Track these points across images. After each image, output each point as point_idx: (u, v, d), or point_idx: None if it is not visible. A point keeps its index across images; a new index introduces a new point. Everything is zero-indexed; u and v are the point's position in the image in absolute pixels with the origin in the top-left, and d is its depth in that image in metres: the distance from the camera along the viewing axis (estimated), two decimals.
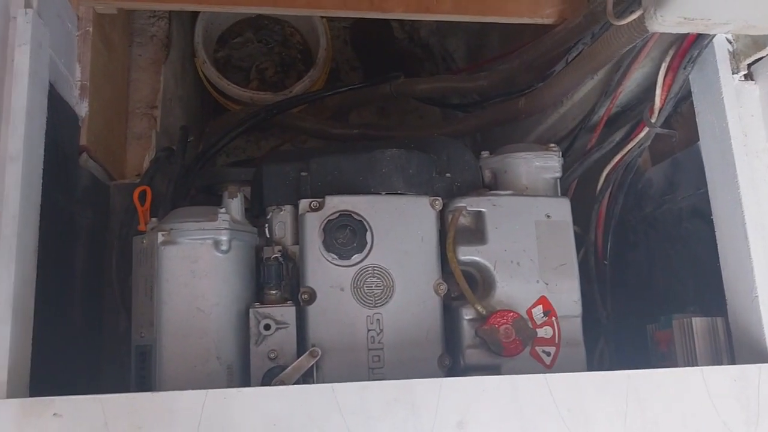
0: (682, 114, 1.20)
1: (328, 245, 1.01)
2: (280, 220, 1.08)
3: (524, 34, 1.55)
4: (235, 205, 1.04)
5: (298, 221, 1.05)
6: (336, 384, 0.86)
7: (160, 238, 0.98)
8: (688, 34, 1.06)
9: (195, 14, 1.79)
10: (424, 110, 2.12)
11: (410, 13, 1.32)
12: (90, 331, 1.23)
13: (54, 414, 0.82)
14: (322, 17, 1.82)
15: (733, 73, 1.06)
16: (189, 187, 1.37)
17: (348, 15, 1.33)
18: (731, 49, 1.06)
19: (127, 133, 1.47)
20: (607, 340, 1.27)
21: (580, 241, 1.28)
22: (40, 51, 1.01)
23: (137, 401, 0.84)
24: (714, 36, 1.04)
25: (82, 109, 1.21)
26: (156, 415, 0.83)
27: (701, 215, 1.12)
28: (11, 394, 0.85)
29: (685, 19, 0.91)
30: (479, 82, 1.50)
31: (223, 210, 1.00)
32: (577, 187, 1.35)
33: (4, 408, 0.82)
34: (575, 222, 1.13)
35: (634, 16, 0.99)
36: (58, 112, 1.09)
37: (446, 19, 1.34)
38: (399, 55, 2.15)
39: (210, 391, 0.84)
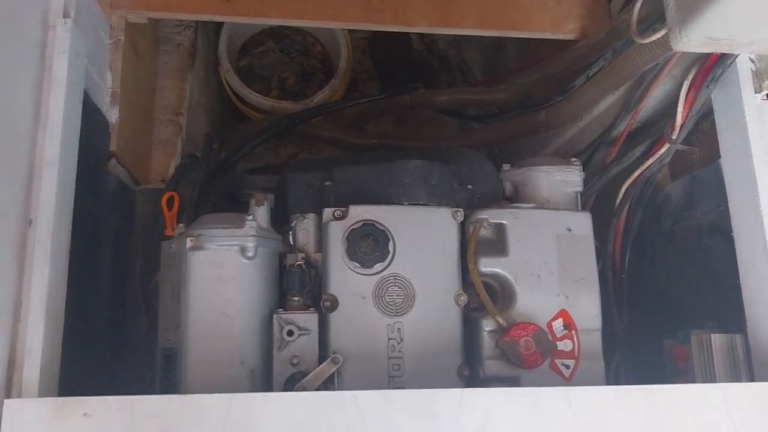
0: (703, 131, 1.21)
1: (351, 254, 1.03)
2: (304, 228, 1.10)
3: (542, 48, 1.57)
4: (261, 213, 1.06)
5: (321, 229, 1.07)
6: (358, 392, 0.87)
7: (189, 243, 1.00)
8: (711, 53, 1.07)
9: (219, 24, 1.82)
10: (439, 120, 2.14)
11: (434, 27, 1.34)
12: (113, 333, 1.26)
13: (84, 414, 0.84)
14: (344, 29, 1.85)
15: (755, 93, 1.07)
16: (211, 194, 1.39)
17: (372, 28, 1.35)
18: (754, 69, 1.07)
19: (153, 139, 1.50)
20: (623, 353, 1.28)
21: (598, 254, 1.29)
22: (77, 60, 1.04)
23: (165, 403, 0.86)
24: (737, 55, 1.05)
25: (113, 115, 1.24)
26: (182, 417, 0.85)
27: (721, 232, 1.12)
28: (42, 393, 0.87)
29: (710, 39, 0.92)
30: (498, 94, 1.51)
31: (250, 217, 1.02)
32: (595, 201, 1.36)
33: (36, 407, 0.84)
34: (594, 236, 1.14)
35: (658, 35, 1.00)
36: (91, 119, 1.12)
37: (469, 34, 1.36)
38: (417, 66, 2.17)
39: (235, 395, 0.86)
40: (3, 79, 0.89)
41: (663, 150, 1.23)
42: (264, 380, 1.00)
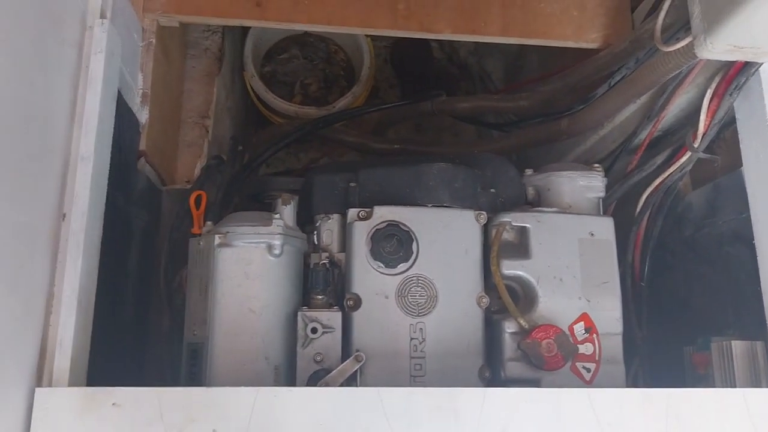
0: (725, 140, 1.22)
1: (375, 254, 1.04)
2: (328, 228, 1.12)
3: (563, 57, 1.58)
4: (288, 212, 1.08)
5: (345, 230, 1.09)
6: (382, 388, 0.89)
7: (217, 240, 1.02)
8: (735, 61, 1.08)
9: (245, 30, 1.85)
10: (458, 128, 2.16)
11: (458, 35, 1.36)
12: (137, 328, 1.28)
13: (113, 404, 0.86)
14: (367, 36, 1.87)
15: None
16: (234, 195, 1.42)
17: (398, 35, 1.38)
18: None
19: (179, 141, 1.53)
20: (643, 360, 1.28)
21: (618, 261, 1.30)
22: (112, 59, 1.07)
23: (192, 395, 0.88)
24: (761, 64, 1.06)
25: (143, 115, 1.27)
26: (209, 409, 0.86)
27: (742, 240, 1.13)
28: (72, 383, 0.89)
29: (734, 47, 0.93)
30: (520, 102, 1.53)
31: (277, 216, 1.04)
32: (615, 208, 1.37)
33: (66, 396, 0.86)
34: None
35: (682, 43, 1.02)
36: (123, 118, 1.15)
37: (493, 41, 1.37)
38: (437, 74, 2.19)
39: (261, 388, 0.88)
40: (41, 77, 0.91)
41: (684, 158, 1.23)
42: (288, 376, 1.01)
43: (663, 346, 1.29)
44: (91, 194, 0.98)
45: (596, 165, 1.19)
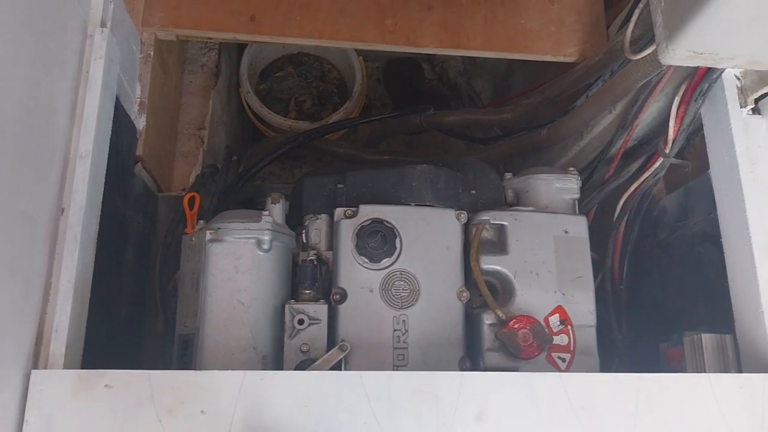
0: (695, 146, 1.28)
1: (361, 249, 1.09)
2: (316, 228, 1.16)
3: (547, 74, 1.65)
4: (277, 210, 1.13)
5: (332, 229, 1.14)
6: (364, 372, 0.93)
7: (208, 236, 1.07)
8: (698, 69, 1.14)
9: (241, 48, 1.93)
10: (448, 145, 2.22)
11: (443, 49, 1.43)
12: (132, 328, 1.32)
13: (106, 385, 0.90)
14: (359, 56, 1.95)
15: (741, 107, 1.14)
16: (229, 203, 1.47)
17: (386, 49, 1.44)
18: (739, 85, 1.14)
19: (176, 150, 1.59)
20: (621, 361, 1.33)
21: (598, 267, 1.35)
22: (111, 66, 1.13)
23: (182, 378, 0.92)
24: (723, 71, 1.13)
25: (140, 123, 1.33)
26: (198, 391, 0.90)
27: (711, 239, 1.18)
28: (67, 365, 0.93)
29: (694, 53, 0.99)
30: (504, 115, 1.59)
31: (266, 213, 1.09)
32: (595, 216, 1.42)
33: (61, 377, 0.90)
34: (593, 249, 1.20)
35: (648, 51, 1.08)
36: (121, 123, 1.20)
37: (476, 55, 1.44)
38: (428, 94, 2.27)
39: (248, 372, 0.92)
40: (44, 80, 0.96)
41: (657, 164, 1.29)
42: (275, 366, 1.05)
43: (641, 345, 1.33)
44: (89, 191, 1.03)
45: (571, 168, 1.24)
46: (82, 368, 0.99)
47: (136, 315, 1.33)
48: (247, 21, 1.38)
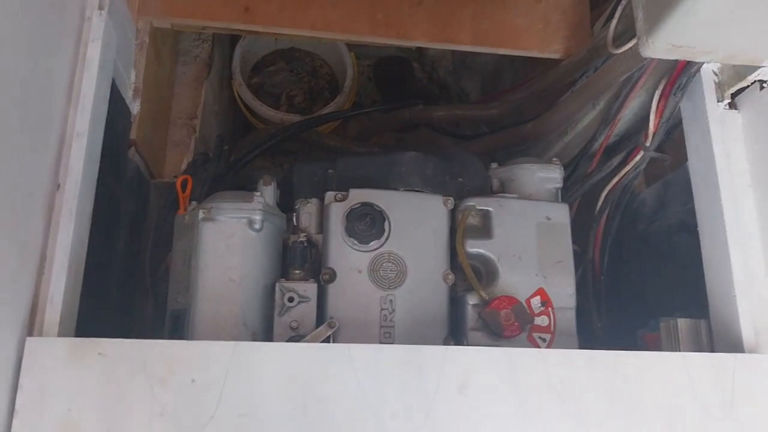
0: (674, 140, 1.33)
1: (350, 231, 1.12)
2: (307, 211, 1.19)
3: (533, 73, 1.70)
4: (268, 192, 1.16)
5: (322, 212, 1.17)
6: (352, 345, 0.96)
7: (201, 215, 1.10)
8: (677, 63, 1.19)
9: (234, 42, 1.96)
10: (438, 144, 2.25)
11: (432, 42, 1.47)
12: (122, 310, 1.34)
13: (99, 353, 0.92)
14: (351, 51, 1.98)
15: (718, 102, 1.19)
16: (219, 190, 1.49)
17: (376, 42, 1.48)
18: (717, 80, 1.19)
19: (168, 140, 1.61)
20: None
21: (579, 259, 1.39)
22: (108, 48, 1.16)
23: (174, 347, 0.95)
24: (701, 66, 1.17)
25: (135, 107, 1.35)
26: (190, 360, 0.93)
27: (688, 228, 1.22)
28: (62, 333, 0.95)
29: (673, 45, 1.04)
30: (491, 111, 1.64)
31: (258, 194, 1.12)
32: (577, 210, 1.46)
33: (54, 345, 0.92)
34: (575, 242, 1.24)
35: (630, 44, 1.13)
36: (116, 106, 1.23)
37: (465, 49, 1.49)
38: (417, 93, 2.30)
39: (239, 342, 0.94)
40: (42, 59, 0.98)
41: (638, 157, 1.33)
42: (264, 341, 1.08)
43: (621, 334, 1.36)
44: (85, 168, 1.05)
45: (554, 159, 1.28)
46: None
47: (126, 297, 1.35)
48: (241, 11, 1.42)
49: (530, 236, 1.15)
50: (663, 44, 1.03)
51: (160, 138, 1.56)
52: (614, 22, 1.22)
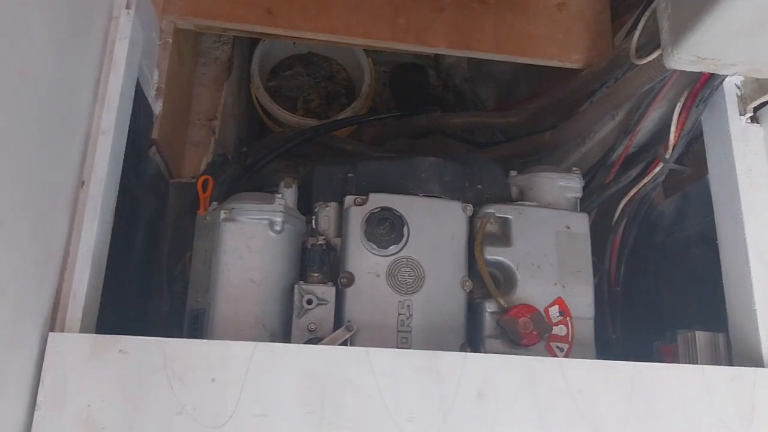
0: (694, 152, 1.33)
1: (369, 235, 1.12)
2: (326, 215, 1.20)
3: (551, 83, 1.70)
4: (289, 194, 1.16)
5: (341, 216, 1.17)
6: (371, 348, 0.96)
7: (222, 215, 1.11)
8: (700, 75, 1.19)
9: (253, 45, 1.97)
10: (452, 152, 2.26)
11: (452, 49, 1.47)
12: (139, 307, 1.34)
13: (120, 351, 0.93)
14: (368, 57, 1.99)
15: (740, 115, 1.19)
16: (238, 192, 1.50)
17: (396, 47, 1.49)
18: (739, 94, 1.19)
19: (187, 140, 1.62)
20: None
21: (595, 269, 1.38)
22: (134, 47, 1.17)
23: (194, 346, 0.95)
24: (724, 78, 1.17)
25: (157, 107, 1.37)
26: (209, 359, 0.93)
27: (707, 241, 1.22)
28: (83, 329, 0.96)
29: (698, 57, 1.04)
30: (509, 119, 1.64)
31: (279, 196, 1.13)
32: (594, 220, 1.46)
33: (76, 341, 0.93)
34: (592, 252, 1.24)
35: (653, 56, 1.13)
36: (139, 105, 1.24)
37: (485, 57, 1.49)
38: (433, 99, 2.30)
39: (259, 343, 0.95)
40: (70, 57, 0.99)
41: (657, 169, 1.33)
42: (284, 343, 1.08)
43: (637, 345, 1.36)
44: (109, 165, 1.06)
45: (574, 168, 1.28)
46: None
47: (143, 295, 1.36)
48: (263, 13, 1.43)
49: (549, 245, 1.16)
50: (688, 56, 1.04)
51: (180, 138, 1.57)
52: (637, 32, 1.22)
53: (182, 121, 1.58)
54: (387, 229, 1.13)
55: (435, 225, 1.15)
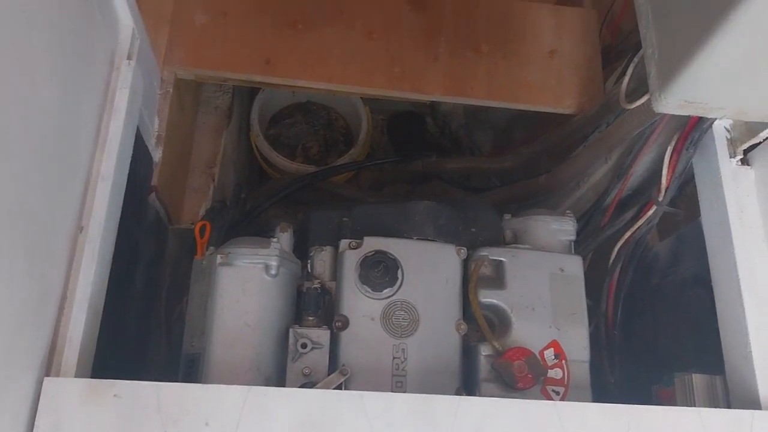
0: (687, 195, 1.34)
1: (364, 278, 1.13)
2: (321, 259, 1.21)
3: (545, 129, 1.73)
4: (285, 238, 1.18)
5: (337, 260, 1.18)
6: (365, 392, 0.96)
7: (219, 259, 1.12)
8: (690, 119, 1.21)
9: (253, 94, 2.01)
10: (448, 196, 2.28)
11: (447, 96, 1.51)
12: (138, 350, 1.34)
13: (114, 395, 0.92)
14: (366, 105, 2.04)
15: (730, 158, 1.20)
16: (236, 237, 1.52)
17: (393, 95, 1.52)
18: (729, 136, 1.21)
19: (187, 186, 1.64)
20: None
21: (592, 312, 1.38)
22: (134, 97, 1.20)
23: (188, 390, 0.95)
24: (713, 122, 1.20)
25: (157, 154, 1.39)
26: (203, 403, 0.93)
27: (702, 283, 1.22)
28: (79, 374, 0.96)
29: (685, 101, 1.06)
30: (504, 163, 1.66)
31: (275, 240, 1.14)
32: (590, 264, 1.47)
33: (72, 385, 0.93)
34: (588, 295, 1.24)
35: (642, 100, 1.16)
36: (139, 152, 1.26)
37: (479, 104, 1.52)
38: (430, 146, 2.34)
39: (252, 387, 0.94)
40: (72, 104, 1.02)
41: (651, 212, 1.34)
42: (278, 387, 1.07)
43: (634, 388, 1.35)
44: (108, 210, 1.08)
45: (568, 211, 1.30)
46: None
47: (141, 339, 1.36)
48: (263, 63, 1.47)
49: (543, 287, 1.16)
50: (675, 100, 1.06)
51: (179, 184, 1.60)
52: (626, 78, 1.25)
53: (182, 167, 1.61)
54: (381, 272, 1.14)
55: (429, 268, 1.16)
